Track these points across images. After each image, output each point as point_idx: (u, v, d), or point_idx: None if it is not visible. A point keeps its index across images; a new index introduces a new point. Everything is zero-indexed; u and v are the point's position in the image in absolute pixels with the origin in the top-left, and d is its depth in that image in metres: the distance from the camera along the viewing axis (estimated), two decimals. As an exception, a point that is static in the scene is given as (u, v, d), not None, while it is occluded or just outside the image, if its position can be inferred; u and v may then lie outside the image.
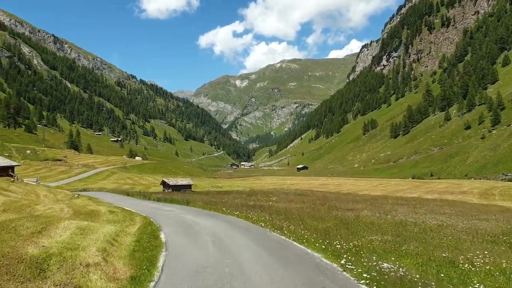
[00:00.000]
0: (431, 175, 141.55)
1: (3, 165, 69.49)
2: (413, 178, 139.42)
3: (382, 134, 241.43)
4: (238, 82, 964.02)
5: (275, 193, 63.44)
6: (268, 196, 52.69)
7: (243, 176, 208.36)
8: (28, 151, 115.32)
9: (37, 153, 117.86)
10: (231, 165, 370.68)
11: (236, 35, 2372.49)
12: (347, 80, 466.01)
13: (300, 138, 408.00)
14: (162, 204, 28.61)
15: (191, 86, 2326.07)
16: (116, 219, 17.90)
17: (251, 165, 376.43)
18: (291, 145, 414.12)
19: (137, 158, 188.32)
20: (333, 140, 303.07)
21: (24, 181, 75.31)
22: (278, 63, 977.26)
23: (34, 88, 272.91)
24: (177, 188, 77.68)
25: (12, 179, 36.82)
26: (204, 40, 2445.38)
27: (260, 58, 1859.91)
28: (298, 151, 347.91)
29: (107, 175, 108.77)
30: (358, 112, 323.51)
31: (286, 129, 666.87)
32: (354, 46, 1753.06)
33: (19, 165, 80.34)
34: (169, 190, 78.44)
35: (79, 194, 36.40)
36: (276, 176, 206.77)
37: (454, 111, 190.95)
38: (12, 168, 73.78)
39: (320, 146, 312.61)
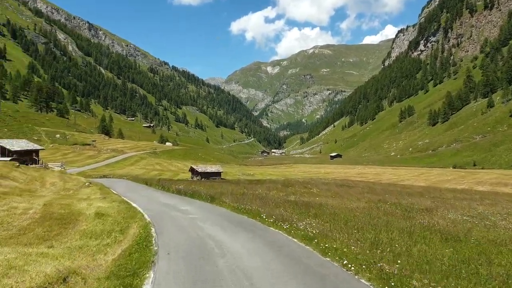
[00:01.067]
0: (474, 165, 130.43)
1: (26, 148, 66.76)
2: (454, 168, 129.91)
3: (420, 122, 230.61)
4: (269, 69, 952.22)
5: (312, 183, 56.90)
6: (307, 187, 46.28)
7: (274, 163, 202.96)
8: (58, 135, 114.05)
9: (67, 137, 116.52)
10: (262, 152, 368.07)
11: (268, 20, 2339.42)
12: (382, 66, 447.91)
13: (332, 125, 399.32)
14: (180, 199, 23.05)
15: (222, 73, 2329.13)
16: (99, 230, 12.13)
17: (282, 153, 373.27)
18: (323, 132, 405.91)
19: (167, 143, 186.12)
20: (367, 128, 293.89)
21: (49, 166, 72.61)
22: (310, 49, 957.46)
23: (69, 74, 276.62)
24: (206, 175, 72.61)
25: (18, 164, 32.34)
26: (236, 26, 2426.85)
27: (292, 44, 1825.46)
28: (331, 138, 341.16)
29: (135, 160, 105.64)
30: (394, 98, 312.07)
31: (318, 116, 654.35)
32: (389, 31, 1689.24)
33: (43, 149, 77.82)
34: (197, 178, 73.50)
35: (91, 183, 31.45)
36: (309, 164, 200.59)
37: (498, 98, 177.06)
38: (36, 152, 71.06)
39: (354, 134, 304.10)
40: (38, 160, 69.67)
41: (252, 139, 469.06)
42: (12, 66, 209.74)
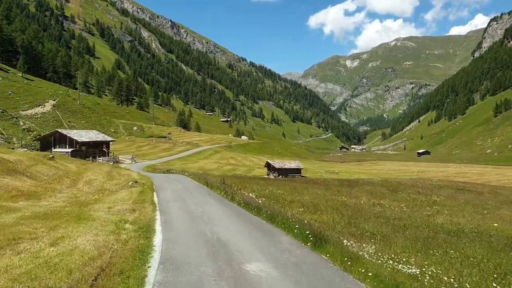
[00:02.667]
0: None
1: (95, 140, 63.50)
2: None
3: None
4: (348, 62, 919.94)
5: (422, 186, 44.41)
6: (422, 193, 34.39)
7: (356, 160, 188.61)
8: (135, 128, 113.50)
9: (144, 129, 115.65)
10: (341, 148, 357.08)
11: (347, 13, 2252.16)
12: (472, 58, 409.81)
13: (417, 120, 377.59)
14: (246, 225, 12.64)
15: (299, 68, 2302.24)
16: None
17: (363, 149, 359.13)
18: (407, 128, 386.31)
19: (243, 137, 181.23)
20: (457, 123, 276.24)
21: (119, 158, 69.16)
22: (392, 41, 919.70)
23: (152, 70, 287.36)
24: (283, 172, 63.44)
25: (51, 156, 26.01)
26: (314, 20, 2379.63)
27: (372, 36, 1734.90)
28: (416, 134, 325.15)
29: (210, 154, 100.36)
30: (487, 91, 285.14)
31: (400, 111, 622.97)
32: (479, 21, 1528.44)
33: (114, 141, 74.90)
34: (274, 174, 64.64)
35: (137, 182, 23.84)
36: (395, 161, 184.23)
37: None
38: (106, 143, 67.70)
39: (442, 130, 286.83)
40: (108, 153, 66.46)
41: (330, 134, 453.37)
42: (100, 63, 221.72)
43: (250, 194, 17.60)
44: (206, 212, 15.16)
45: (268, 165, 65.02)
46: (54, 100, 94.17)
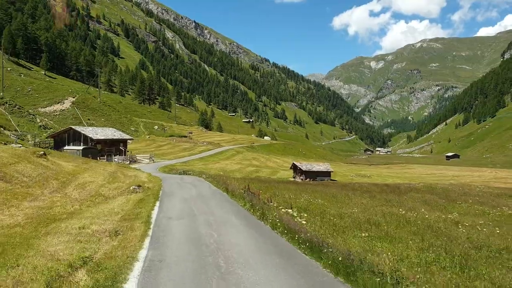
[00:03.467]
0: None
1: (111, 137, 60.11)
2: None
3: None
4: (373, 64, 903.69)
5: (473, 193, 38.53)
6: (487, 204, 28.65)
7: (383, 163, 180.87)
8: (156, 127, 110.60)
9: (165, 129, 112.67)
10: (365, 150, 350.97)
11: (372, 14, 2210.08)
12: (502, 59, 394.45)
13: (444, 123, 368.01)
14: (293, 277, 7.29)
15: (322, 69, 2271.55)
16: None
17: (388, 151, 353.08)
18: (433, 130, 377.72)
19: (265, 138, 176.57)
20: (486, 126, 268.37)
21: (137, 157, 65.72)
22: (418, 42, 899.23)
23: (176, 71, 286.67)
24: (312, 175, 58.40)
25: (42, 153, 22.01)
26: (338, 21, 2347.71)
27: (398, 37, 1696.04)
28: (443, 137, 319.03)
29: (231, 154, 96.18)
30: None
31: (425, 113, 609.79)
32: (509, 21, 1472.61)
33: (132, 139, 71.54)
34: (301, 177, 59.69)
35: (140, 186, 19.54)
36: (423, 164, 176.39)
37: None
38: (124, 142, 64.34)
39: (471, 133, 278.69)
40: (125, 151, 63.06)
41: (354, 136, 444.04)
42: (124, 63, 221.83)
43: (288, 210, 12.60)
44: (224, 242, 10.08)
45: (294, 167, 60.07)
46: (73, 98, 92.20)
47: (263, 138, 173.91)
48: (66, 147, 51.34)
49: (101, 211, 12.55)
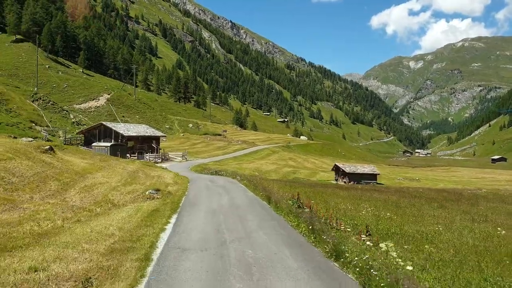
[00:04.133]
0: None
1: (143, 134, 57.62)
2: None
3: None
4: (412, 64, 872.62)
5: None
6: None
7: (425, 165, 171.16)
8: (190, 125, 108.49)
9: (199, 127, 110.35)
10: (404, 152, 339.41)
11: (412, 13, 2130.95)
12: None
13: (488, 124, 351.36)
14: None
15: (359, 69, 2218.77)
16: None
17: (427, 153, 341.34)
18: (476, 132, 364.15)
19: (302, 137, 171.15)
20: None
21: (170, 155, 63.02)
22: (459, 41, 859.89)
23: (211, 70, 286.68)
24: (356, 177, 53.24)
25: (46, 148, 18.75)
26: (376, 20, 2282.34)
27: (438, 37, 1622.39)
28: (486, 139, 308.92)
29: (266, 154, 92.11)
30: None
31: (466, 115, 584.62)
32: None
33: (165, 136, 69.06)
34: (344, 180, 54.61)
35: (158, 190, 15.81)
36: (468, 167, 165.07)
37: None
38: (156, 139, 61.81)
39: None
40: (158, 149, 60.51)
41: (392, 137, 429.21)
42: (161, 62, 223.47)
43: (367, 239, 7.91)
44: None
45: (336, 169, 55.10)
46: (108, 94, 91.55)
47: (299, 137, 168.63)
48: (95, 144, 49.14)
49: (89, 230, 8.73)
